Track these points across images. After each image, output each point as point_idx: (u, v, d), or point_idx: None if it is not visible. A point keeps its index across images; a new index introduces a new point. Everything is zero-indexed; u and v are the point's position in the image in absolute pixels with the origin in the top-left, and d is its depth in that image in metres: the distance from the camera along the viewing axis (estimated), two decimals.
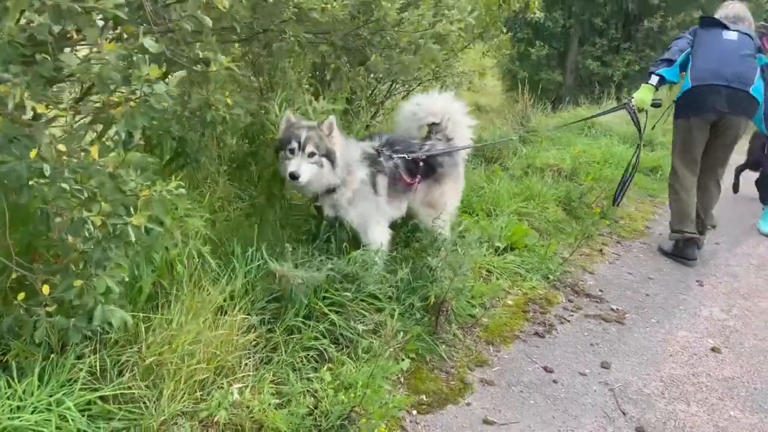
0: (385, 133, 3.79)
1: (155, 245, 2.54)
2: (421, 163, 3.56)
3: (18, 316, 2.17)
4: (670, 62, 4.62)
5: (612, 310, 3.83)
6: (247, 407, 2.23)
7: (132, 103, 2.13)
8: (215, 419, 2.14)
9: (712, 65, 4.43)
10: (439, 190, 3.67)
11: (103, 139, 2.52)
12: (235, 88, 3.41)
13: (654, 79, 4.60)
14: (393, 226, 3.61)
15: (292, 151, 3.08)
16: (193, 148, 3.67)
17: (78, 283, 2.14)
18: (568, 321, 3.64)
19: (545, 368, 3.11)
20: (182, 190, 2.26)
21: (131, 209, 2.15)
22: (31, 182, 1.92)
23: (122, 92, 2.46)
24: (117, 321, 2.21)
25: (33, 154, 1.92)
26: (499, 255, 4.12)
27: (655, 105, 4.62)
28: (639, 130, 4.66)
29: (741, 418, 2.85)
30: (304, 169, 3.05)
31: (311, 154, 3.08)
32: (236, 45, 3.59)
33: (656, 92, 4.60)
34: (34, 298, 2.20)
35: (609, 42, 17.13)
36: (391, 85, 7.07)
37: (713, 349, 3.45)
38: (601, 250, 4.82)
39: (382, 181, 3.40)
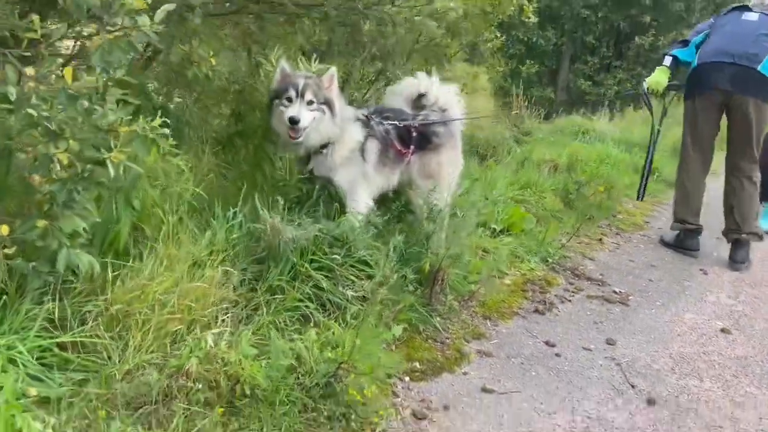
0: (374, 105, 3.60)
1: (135, 187, 2.34)
2: (414, 133, 3.38)
3: None
4: (686, 43, 4.41)
5: (614, 292, 3.64)
6: (222, 359, 2.00)
7: (110, 36, 1.94)
8: (187, 369, 1.92)
9: (720, 44, 4.22)
10: (437, 159, 3.46)
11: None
12: (220, 44, 3.25)
13: (667, 60, 4.38)
14: (385, 199, 3.42)
15: (289, 99, 2.95)
16: (178, 119, 3.49)
17: (41, 223, 1.93)
18: (569, 301, 3.44)
19: (547, 342, 2.90)
20: (166, 130, 2.07)
21: (109, 146, 1.96)
22: None
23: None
24: (84, 265, 2.00)
25: None
26: (495, 237, 3.93)
27: (673, 88, 4.39)
28: (652, 115, 4.46)
29: (758, 395, 2.65)
30: (304, 115, 2.92)
31: (310, 102, 2.96)
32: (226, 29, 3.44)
33: (671, 74, 4.40)
34: None
35: (600, 60, 17.23)
36: (386, 84, 6.93)
37: (723, 330, 3.26)
38: (600, 239, 4.64)
39: (373, 147, 3.22)
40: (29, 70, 1.69)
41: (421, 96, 3.59)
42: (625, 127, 10.31)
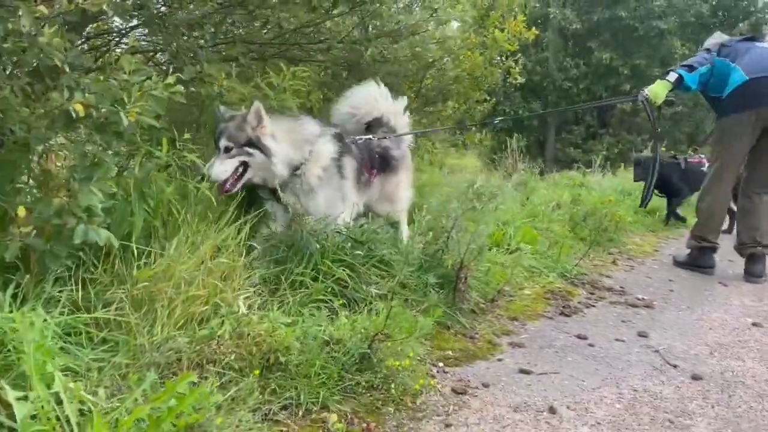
0: (336, 127, 3.31)
1: (148, 179, 2.33)
2: (377, 156, 3.36)
3: None
4: (690, 68, 4.29)
5: (638, 299, 3.57)
6: (253, 332, 1.91)
7: None
8: (219, 335, 1.83)
9: (764, 62, 4.17)
10: (395, 180, 3.47)
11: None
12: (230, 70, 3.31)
13: (672, 76, 4.24)
14: None
15: (216, 150, 2.77)
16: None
17: (57, 201, 1.92)
18: (594, 306, 3.37)
19: (578, 336, 2.81)
20: (180, 87, 2.09)
21: (124, 102, 1.98)
22: (6, 45, 1.73)
23: None
24: (102, 240, 1.95)
25: (11, 24, 1.76)
26: (511, 254, 3.89)
27: (669, 103, 4.33)
28: (652, 123, 4.39)
29: None
30: (217, 167, 2.69)
31: (227, 149, 2.73)
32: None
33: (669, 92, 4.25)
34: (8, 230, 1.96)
35: (586, 129, 17.71)
36: None
37: (755, 324, 3.18)
38: (614, 262, 4.60)
39: (351, 163, 3.06)
40: (42, 8, 1.72)
41: (376, 120, 3.50)
42: (619, 182, 10.47)
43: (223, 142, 2.72)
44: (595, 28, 17.20)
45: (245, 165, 2.77)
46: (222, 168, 2.70)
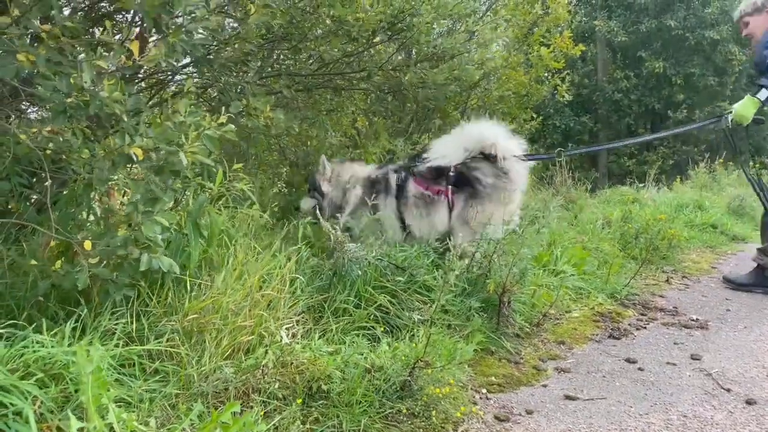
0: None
1: (201, 212, 2.43)
2: (452, 174, 3.44)
3: (58, 272, 2.04)
4: None
5: (692, 320, 3.46)
6: (296, 360, 1.97)
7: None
8: (263, 365, 1.89)
9: None
10: (479, 208, 3.37)
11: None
12: (276, 103, 3.44)
13: (763, 93, 3.91)
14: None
15: None
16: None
17: (122, 232, 2.03)
18: (645, 328, 3.29)
19: (627, 360, 2.76)
20: (231, 126, 2.19)
21: (180, 142, 2.08)
22: (70, 100, 1.85)
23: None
24: (165, 266, 2.06)
25: (73, 80, 1.89)
26: (557, 276, 3.84)
27: (758, 121, 4.09)
28: (737, 153, 4.22)
29: None
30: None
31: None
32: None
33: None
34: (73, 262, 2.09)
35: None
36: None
37: None
38: (667, 281, 4.47)
39: (382, 200, 3.51)
40: (102, 62, 1.83)
41: (489, 155, 3.47)
42: (674, 196, 10.17)
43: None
44: (644, 38, 16.80)
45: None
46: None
